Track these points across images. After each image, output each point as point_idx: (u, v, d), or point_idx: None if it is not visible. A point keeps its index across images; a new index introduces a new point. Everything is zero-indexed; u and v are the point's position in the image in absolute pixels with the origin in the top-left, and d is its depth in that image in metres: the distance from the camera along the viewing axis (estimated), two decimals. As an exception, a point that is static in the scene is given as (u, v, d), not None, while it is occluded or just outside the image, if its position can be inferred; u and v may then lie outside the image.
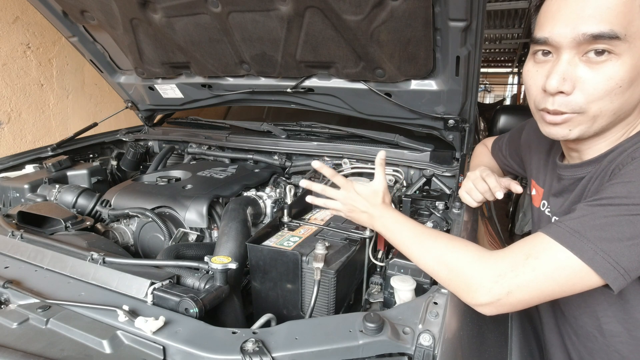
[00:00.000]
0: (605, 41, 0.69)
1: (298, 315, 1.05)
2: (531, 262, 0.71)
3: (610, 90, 0.71)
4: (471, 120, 1.45)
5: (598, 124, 0.76)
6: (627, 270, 0.66)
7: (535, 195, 1.05)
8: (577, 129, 0.78)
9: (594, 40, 0.69)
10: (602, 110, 0.74)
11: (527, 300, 0.73)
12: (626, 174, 0.71)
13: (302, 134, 1.93)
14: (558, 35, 0.73)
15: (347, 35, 1.27)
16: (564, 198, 0.92)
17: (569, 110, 0.75)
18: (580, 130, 0.78)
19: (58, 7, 1.64)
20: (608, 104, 0.73)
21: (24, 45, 2.87)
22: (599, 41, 0.69)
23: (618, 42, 0.68)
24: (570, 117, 0.76)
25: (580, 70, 0.73)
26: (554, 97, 0.76)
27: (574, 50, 0.72)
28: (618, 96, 0.72)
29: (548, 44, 0.75)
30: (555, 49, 0.75)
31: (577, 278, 0.69)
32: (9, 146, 2.84)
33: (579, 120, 0.76)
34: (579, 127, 0.77)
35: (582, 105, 0.74)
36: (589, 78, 0.72)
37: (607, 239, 0.67)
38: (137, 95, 2.09)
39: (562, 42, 0.73)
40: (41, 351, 0.72)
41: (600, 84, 0.71)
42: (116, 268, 0.95)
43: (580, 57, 0.72)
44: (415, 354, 0.72)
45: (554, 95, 0.76)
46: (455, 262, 0.79)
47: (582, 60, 0.72)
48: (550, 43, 0.75)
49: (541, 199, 1.02)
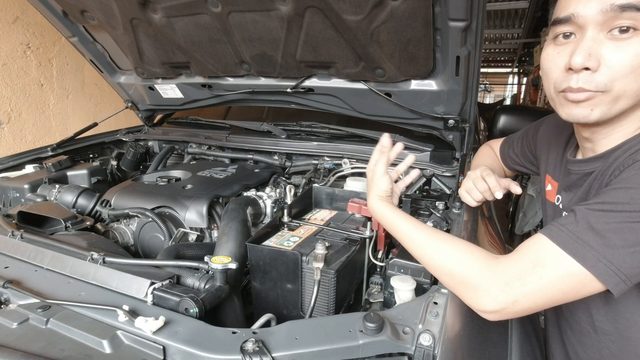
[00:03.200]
0: (632, 14, 0.68)
1: (298, 315, 1.05)
2: (538, 270, 0.71)
3: (636, 67, 0.71)
4: (471, 120, 1.45)
5: (619, 105, 0.75)
6: (629, 277, 0.67)
7: (551, 190, 1.04)
8: (599, 109, 0.76)
9: (620, 12, 0.69)
10: (625, 89, 0.73)
11: (532, 308, 0.73)
12: (628, 178, 0.71)
13: (302, 134, 1.93)
14: (583, 10, 0.72)
15: (347, 35, 1.27)
16: (572, 193, 0.92)
17: (593, 87, 0.74)
18: (601, 111, 0.76)
19: (58, 7, 1.64)
20: (632, 82, 0.72)
21: (24, 45, 2.87)
22: (626, 13, 0.69)
23: None
24: (594, 95, 0.75)
25: (606, 46, 0.72)
26: (578, 74, 0.75)
27: (599, 27, 0.72)
28: None
29: (572, 21, 0.75)
30: (579, 27, 0.75)
31: (580, 285, 0.69)
32: (9, 146, 2.84)
33: (601, 99, 0.75)
34: (600, 108, 0.76)
35: (606, 82, 0.73)
36: (615, 54, 0.71)
37: (610, 246, 0.67)
38: (137, 95, 2.09)
39: (588, 15, 0.72)
40: (41, 351, 0.72)
41: (626, 59, 0.71)
42: (116, 268, 0.95)
43: (605, 34, 0.72)
44: (415, 354, 0.72)
45: (578, 73, 0.75)
46: (462, 266, 0.78)
47: (607, 37, 0.72)
48: (575, 20, 0.74)
49: (556, 193, 1.02)
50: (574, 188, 0.92)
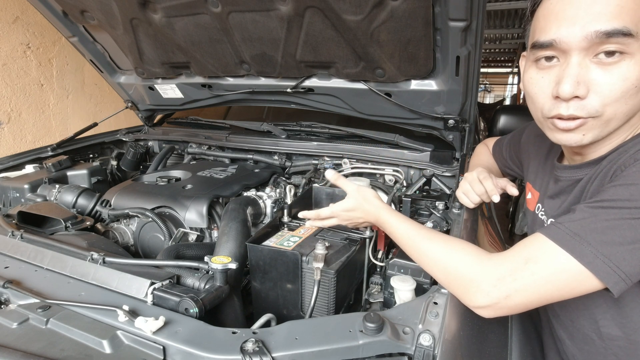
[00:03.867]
0: (618, 39, 0.66)
1: (298, 315, 1.05)
2: (531, 266, 0.70)
3: (626, 91, 0.69)
4: (471, 120, 1.45)
5: (611, 126, 0.74)
6: (628, 275, 0.66)
7: (531, 199, 1.04)
8: (591, 133, 0.75)
9: (606, 38, 0.66)
10: (616, 112, 0.71)
11: (526, 304, 0.73)
12: (628, 176, 0.70)
13: (302, 134, 1.93)
14: (566, 36, 0.69)
15: (347, 35, 1.27)
16: (560, 200, 0.91)
17: (584, 114, 0.72)
18: (593, 135, 0.75)
19: (58, 7, 1.64)
20: (623, 105, 0.70)
21: (24, 45, 2.87)
22: (612, 39, 0.66)
23: (631, 40, 0.66)
24: (585, 121, 0.73)
25: (593, 72, 0.69)
26: (568, 102, 0.73)
27: (584, 52, 0.69)
28: (632, 97, 0.70)
29: (554, 47, 0.72)
30: (562, 52, 0.72)
31: (576, 282, 0.68)
32: (9, 146, 2.84)
33: (592, 124, 0.73)
34: (593, 132, 0.75)
35: (597, 108, 0.71)
36: (604, 80, 0.69)
37: (608, 242, 0.66)
38: (137, 95, 2.09)
39: (571, 42, 0.69)
40: (41, 351, 0.72)
41: (616, 85, 0.68)
42: (116, 268, 0.95)
43: (591, 59, 0.69)
44: (415, 354, 0.72)
45: (568, 101, 0.72)
46: (455, 263, 0.79)
47: (593, 62, 0.69)
48: (557, 45, 0.71)
49: (536, 202, 1.01)
50: (562, 195, 0.90)
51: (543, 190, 0.99)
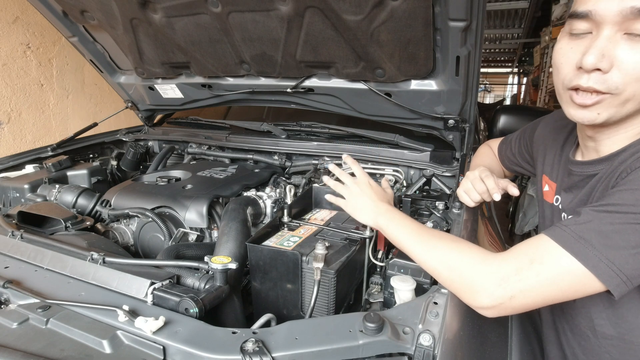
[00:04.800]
0: None
1: (298, 315, 1.05)
2: (536, 266, 0.71)
3: None
4: (471, 120, 1.45)
5: (627, 108, 0.74)
6: (630, 278, 0.67)
7: (548, 191, 1.04)
8: (606, 112, 0.74)
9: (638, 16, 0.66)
10: (635, 93, 0.71)
11: (530, 305, 0.73)
12: (634, 180, 0.70)
13: (302, 134, 1.93)
14: (603, 8, 0.70)
15: (347, 35, 1.27)
16: (573, 194, 0.91)
17: (604, 88, 0.72)
18: (608, 114, 0.75)
19: (58, 7, 1.64)
20: None
21: (24, 45, 2.87)
22: None
23: None
24: (602, 98, 0.73)
25: (621, 48, 0.70)
26: (589, 74, 0.73)
27: (617, 26, 0.69)
28: None
29: (589, 18, 0.72)
30: (596, 24, 0.72)
31: (580, 284, 0.69)
32: (9, 146, 2.84)
33: (609, 102, 0.73)
34: (608, 111, 0.74)
35: (618, 84, 0.71)
36: (629, 57, 0.69)
37: (612, 246, 0.67)
38: (137, 95, 2.09)
39: (606, 15, 0.69)
40: (41, 351, 0.72)
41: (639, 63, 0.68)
42: (116, 268, 0.95)
43: (622, 35, 0.70)
44: (415, 354, 0.72)
45: (589, 73, 0.73)
46: (458, 263, 0.79)
47: (623, 38, 0.70)
48: (592, 17, 0.71)
49: (554, 194, 1.01)
50: (575, 189, 0.91)
51: (559, 181, 0.99)
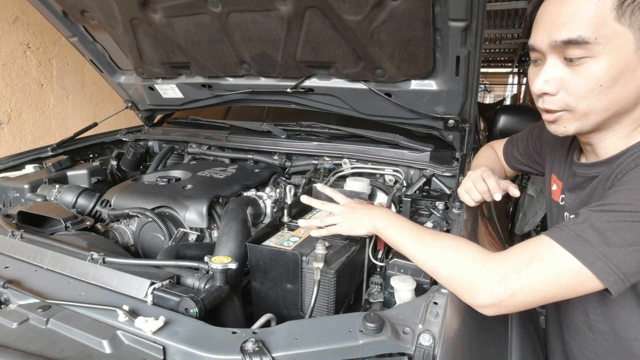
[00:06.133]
0: (577, 46, 0.73)
1: (298, 315, 1.05)
2: (535, 264, 0.72)
3: (591, 89, 0.75)
4: (471, 120, 1.45)
5: (591, 120, 0.80)
6: (627, 275, 0.68)
7: (556, 190, 1.06)
8: (572, 125, 0.82)
9: (565, 46, 0.74)
10: (590, 108, 0.78)
11: (529, 302, 0.74)
12: (629, 181, 0.73)
13: (302, 134, 1.93)
14: (539, 42, 0.79)
15: (347, 35, 1.27)
16: (576, 194, 0.94)
17: (556, 107, 0.81)
18: (575, 127, 0.82)
19: (58, 7, 1.64)
20: (595, 101, 0.77)
21: (24, 45, 2.87)
22: (571, 46, 0.74)
23: (589, 46, 0.72)
24: (560, 115, 0.82)
25: (562, 72, 0.78)
26: (542, 97, 0.83)
27: (555, 54, 0.78)
28: (602, 94, 0.76)
29: (535, 50, 0.82)
30: (541, 54, 0.81)
31: (578, 282, 0.70)
32: (9, 146, 2.84)
33: (569, 117, 0.81)
34: (573, 124, 0.82)
35: (568, 103, 0.79)
36: (570, 79, 0.77)
37: (609, 244, 0.68)
38: (137, 95, 2.09)
39: (542, 47, 0.79)
40: (41, 351, 0.72)
41: (580, 84, 0.76)
42: (116, 268, 0.95)
43: (562, 61, 0.78)
44: (415, 354, 0.72)
45: (542, 97, 0.83)
46: (458, 262, 0.80)
47: (563, 63, 0.78)
48: (536, 49, 0.81)
49: (561, 192, 1.03)
50: (578, 190, 0.94)
51: (565, 181, 1.02)
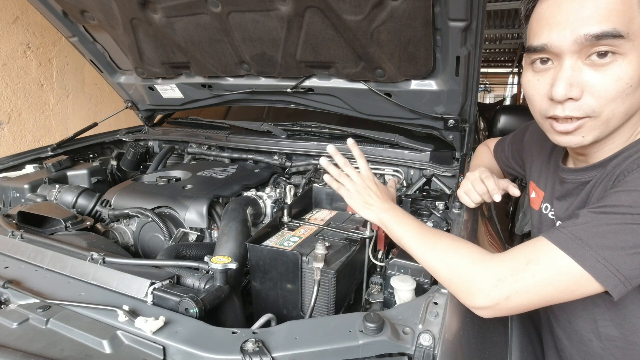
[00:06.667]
0: (609, 41, 0.67)
1: (298, 315, 1.05)
2: (532, 267, 0.71)
3: (621, 91, 0.69)
4: (471, 120, 1.45)
5: (611, 126, 0.74)
6: (628, 278, 0.66)
7: (535, 198, 1.04)
8: (591, 134, 0.75)
9: (596, 41, 0.67)
10: (614, 112, 0.72)
11: (526, 305, 0.73)
12: (631, 181, 0.70)
13: (302, 134, 1.93)
14: (557, 40, 0.70)
15: (347, 35, 1.27)
16: (568, 202, 0.91)
17: (581, 114, 0.73)
18: (594, 135, 0.75)
19: (58, 7, 1.64)
20: (620, 105, 0.71)
21: (24, 45, 2.87)
22: (602, 42, 0.67)
23: (622, 41, 0.66)
24: (583, 122, 0.74)
25: (587, 74, 0.70)
26: (563, 104, 0.73)
27: (576, 54, 0.70)
28: (629, 96, 0.70)
29: (547, 51, 0.73)
30: (555, 55, 0.73)
31: (577, 285, 0.69)
32: (9, 146, 2.84)
33: (591, 125, 0.74)
34: (593, 133, 0.75)
35: (594, 108, 0.71)
36: (598, 81, 0.69)
37: (609, 246, 0.67)
38: (137, 95, 2.09)
39: (562, 46, 0.70)
40: (41, 351, 0.72)
41: (610, 85, 0.69)
42: (116, 268, 0.95)
43: (584, 61, 0.70)
44: (415, 354, 0.72)
45: (563, 103, 0.73)
46: (456, 263, 0.79)
47: (585, 63, 0.70)
48: (550, 49, 0.72)
49: (541, 201, 1.01)
50: (569, 197, 0.90)
51: (549, 190, 0.99)
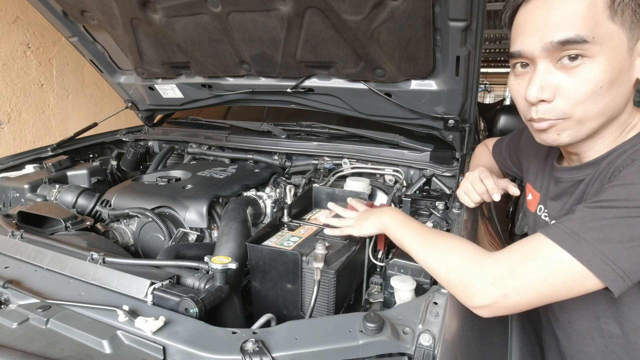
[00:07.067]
0: (575, 46, 0.70)
1: (298, 315, 1.05)
2: (529, 264, 0.70)
3: (591, 93, 0.72)
4: (471, 120, 1.45)
5: (587, 126, 0.77)
6: (627, 273, 0.66)
7: (532, 200, 1.05)
8: (566, 133, 0.78)
9: (562, 46, 0.71)
10: (587, 113, 0.74)
11: (525, 303, 0.73)
12: (626, 176, 0.70)
13: (302, 134, 1.93)
14: (529, 46, 0.75)
15: (347, 35, 1.27)
16: (563, 202, 0.91)
17: (553, 117, 0.77)
18: (569, 135, 0.78)
19: (58, 7, 1.64)
20: (592, 106, 0.73)
21: (24, 45, 2.87)
22: (568, 47, 0.70)
23: (587, 45, 0.69)
24: (555, 122, 0.77)
25: (557, 77, 0.74)
26: (536, 106, 0.77)
27: (547, 59, 0.74)
28: (601, 97, 0.72)
29: (522, 56, 0.77)
30: (530, 60, 0.77)
31: (575, 280, 0.68)
32: (9, 146, 2.84)
33: (564, 125, 0.77)
34: (567, 132, 0.78)
35: (565, 110, 0.75)
36: (567, 83, 0.73)
37: (606, 240, 0.66)
38: (137, 95, 2.09)
39: (533, 52, 0.74)
40: (41, 351, 0.72)
41: (579, 87, 0.72)
42: (116, 268, 0.95)
43: (555, 65, 0.74)
44: (415, 354, 0.72)
45: (535, 105, 0.77)
46: (455, 263, 0.79)
47: (557, 67, 0.74)
48: (524, 55, 0.77)
49: (537, 203, 1.01)
50: (564, 196, 0.91)
51: (544, 191, 0.99)
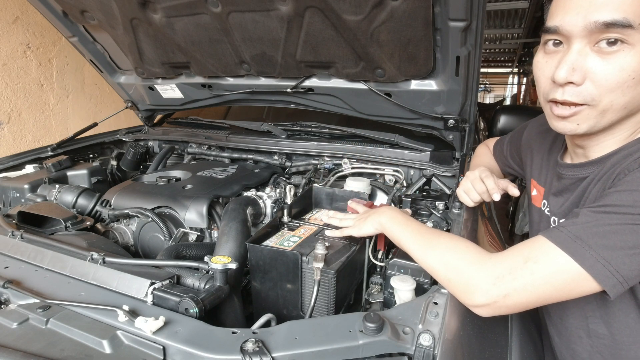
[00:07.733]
0: (618, 30, 0.67)
1: (298, 315, 1.05)
2: (530, 265, 0.71)
3: (622, 82, 0.69)
4: (471, 120, 1.45)
5: (607, 118, 0.74)
6: (626, 279, 0.67)
7: (537, 195, 1.04)
8: (586, 123, 0.76)
9: (606, 28, 0.67)
10: (612, 103, 0.72)
11: (524, 304, 0.73)
12: (632, 181, 0.70)
13: (302, 134, 1.93)
14: (569, 23, 0.71)
15: (347, 35, 1.27)
16: (564, 198, 0.91)
17: (579, 100, 0.73)
18: (588, 125, 0.76)
19: (58, 7, 1.64)
20: (619, 96, 0.71)
21: (24, 45, 2.87)
22: (611, 30, 0.67)
23: (631, 32, 0.67)
24: (580, 109, 0.74)
25: (591, 60, 0.71)
26: (563, 87, 0.74)
27: (585, 39, 0.71)
28: (630, 89, 0.70)
29: (559, 33, 0.74)
30: (566, 38, 0.73)
31: (575, 283, 0.69)
32: (9, 146, 2.84)
33: (587, 113, 0.74)
34: (587, 122, 0.75)
35: (593, 96, 0.72)
36: (600, 69, 0.70)
37: (609, 246, 0.67)
38: (137, 95, 2.09)
39: (573, 30, 0.71)
40: (41, 351, 0.72)
41: (611, 74, 0.69)
42: (116, 268, 0.95)
43: (592, 47, 0.71)
44: (415, 354, 0.72)
45: (563, 86, 0.74)
46: (455, 262, 0.79)
47: (593, 50, 0.71)
48: (561, 32, 0.73)
49: (542, 198, 1.01)
50: (565, 193, 0.91)
51: (548, 186, 0.99)
